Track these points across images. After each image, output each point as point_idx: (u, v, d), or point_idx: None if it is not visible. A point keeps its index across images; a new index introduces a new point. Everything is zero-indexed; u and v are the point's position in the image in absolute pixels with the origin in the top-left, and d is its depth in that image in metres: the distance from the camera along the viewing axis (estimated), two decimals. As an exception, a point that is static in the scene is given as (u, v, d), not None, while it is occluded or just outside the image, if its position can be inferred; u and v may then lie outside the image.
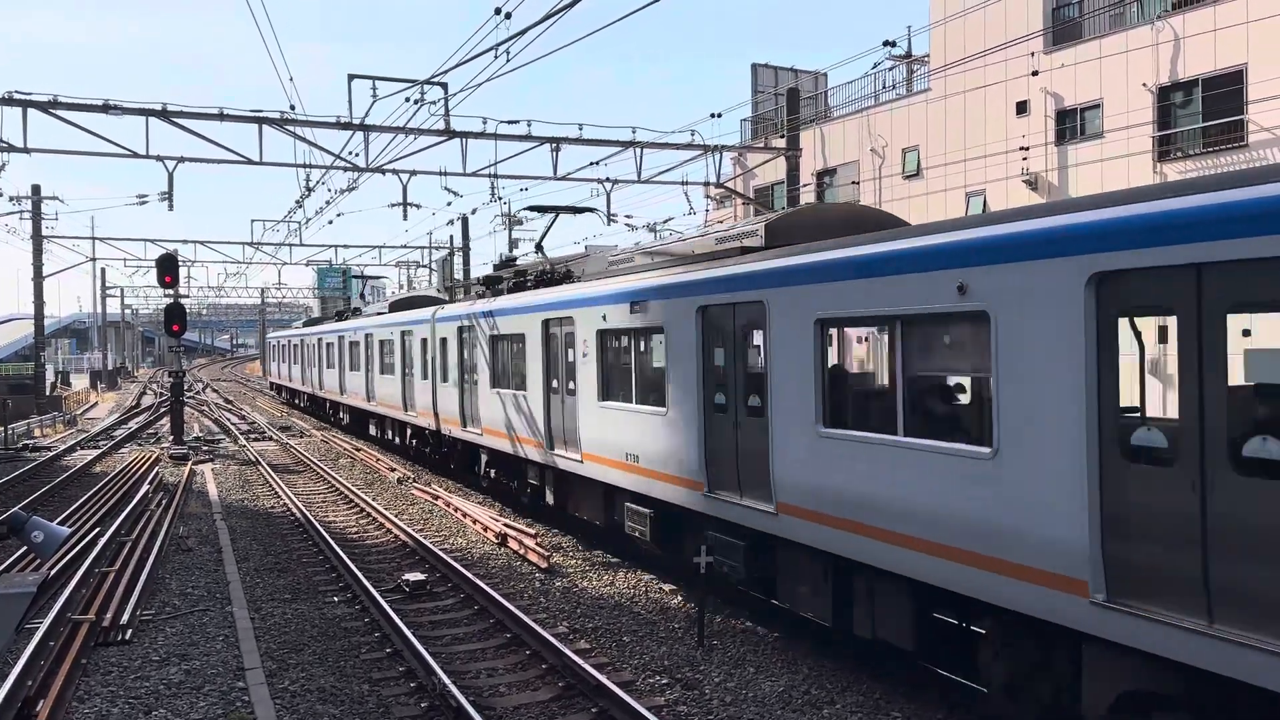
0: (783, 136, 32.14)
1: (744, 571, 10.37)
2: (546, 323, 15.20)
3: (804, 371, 9.06)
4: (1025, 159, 25.88)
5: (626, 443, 12.65)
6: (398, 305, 28.23)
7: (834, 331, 9.27)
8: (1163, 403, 9.60)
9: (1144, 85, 23.28)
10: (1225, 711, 5.87)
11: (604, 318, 13.12)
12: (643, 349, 12.72)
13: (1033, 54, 25.28)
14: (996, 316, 6.91)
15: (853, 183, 32.27)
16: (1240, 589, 5.45)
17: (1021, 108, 26.34)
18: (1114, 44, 24.11)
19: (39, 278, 47.29)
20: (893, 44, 31.88)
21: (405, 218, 30.31)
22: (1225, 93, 21.78)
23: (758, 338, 9.99)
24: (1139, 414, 6.81)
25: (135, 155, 23.39)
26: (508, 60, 15.91)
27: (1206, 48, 22.10)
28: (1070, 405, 6.39)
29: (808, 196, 32.13)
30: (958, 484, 7.33)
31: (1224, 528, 5.53)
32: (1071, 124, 25.43)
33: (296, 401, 46.70)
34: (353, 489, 20.68)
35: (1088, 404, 6.27)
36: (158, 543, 15.23)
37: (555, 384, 15.03)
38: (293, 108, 23.48)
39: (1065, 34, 26.04)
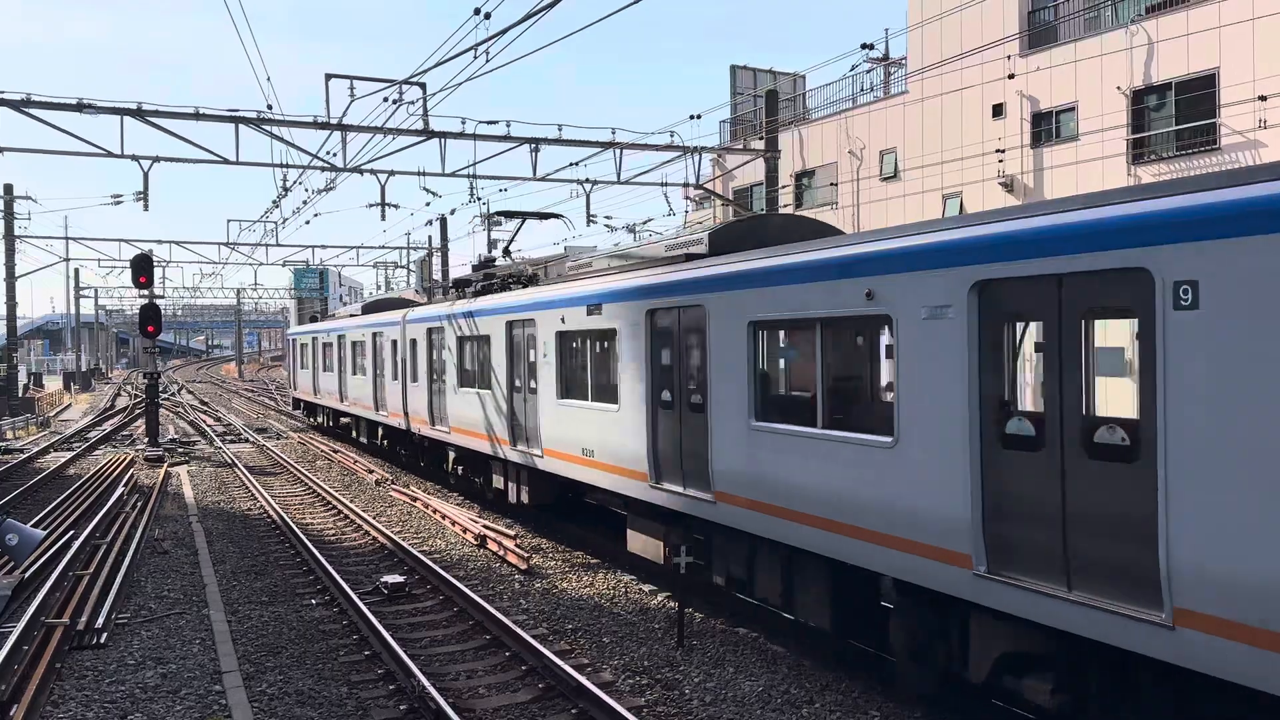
0: (761, 138, 32.20)
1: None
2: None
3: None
4: (1001, 161, 26.08)
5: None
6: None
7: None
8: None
9: (1118, 88, 23.51)
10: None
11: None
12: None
13: (1009, 57, 25.46)
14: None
15: (831, 184, 32.40)
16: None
17: (998, 110, 26.54)
18: (1089, 48, 24.33)
19: (11, 278, 46.74)
20: (871, 46, 32.07)
21: (383, 218, 30.13)
22: (1198, 96, 22.03)
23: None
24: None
25: (110, 155, 23.15)
26: (487, 60, 15.86)
27: (1180, 52, 22.34)
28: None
29: (786, 198, 32.23)
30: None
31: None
32: (1047, 127, 25.65)
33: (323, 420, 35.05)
34: (330, 491, 20.57)
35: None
36: (133, 546, 15.11)
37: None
38: (270, 107, 23.28)
39: (1041, 37, 26.26)
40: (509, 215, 20.35)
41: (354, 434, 29.22)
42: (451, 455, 19.57)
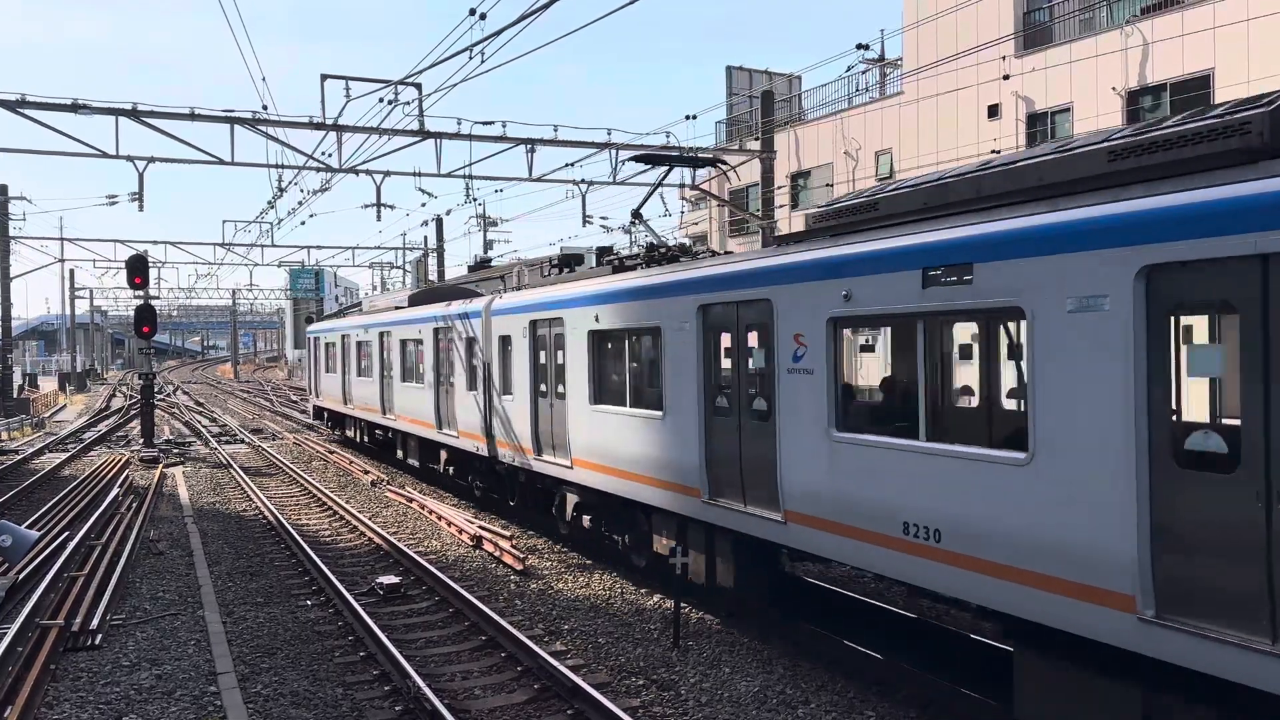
0: (757, 139, 32.24)
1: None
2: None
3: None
4: (997, 162, 26.08)
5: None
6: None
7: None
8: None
9: (1113, 89, 23.54)
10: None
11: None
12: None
13: (1004, 58, 25.50)
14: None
15: (827, 185, 32.42)
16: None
17: (993, 111, 26.57)
18: (1084, 48, 24.37)
19: (6, 279, 46.66)
20: (866, 47, 32.13)
21: (379, 219, 30.09)
22: (1193, 97, 22.07)
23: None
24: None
25: (105, 155, 23.11)
26: (482, 61, 15.85)
27: (1175, 52, 22.39)
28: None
29: (781, 199, 32.23)
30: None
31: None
32: (1042, 127, 25.69)
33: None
34: (326, 491, 20.55)
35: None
36: (128, 546, 15.07)
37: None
38: (265, 108, 23.25)
39: (1036, 38, 26.31)
40: (648, 160, 16.86)
41: (400, 454, 23.73)
42: (573, 499, 14.28)
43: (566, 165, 27.80)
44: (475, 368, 17.44)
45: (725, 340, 10.53)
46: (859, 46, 32.09)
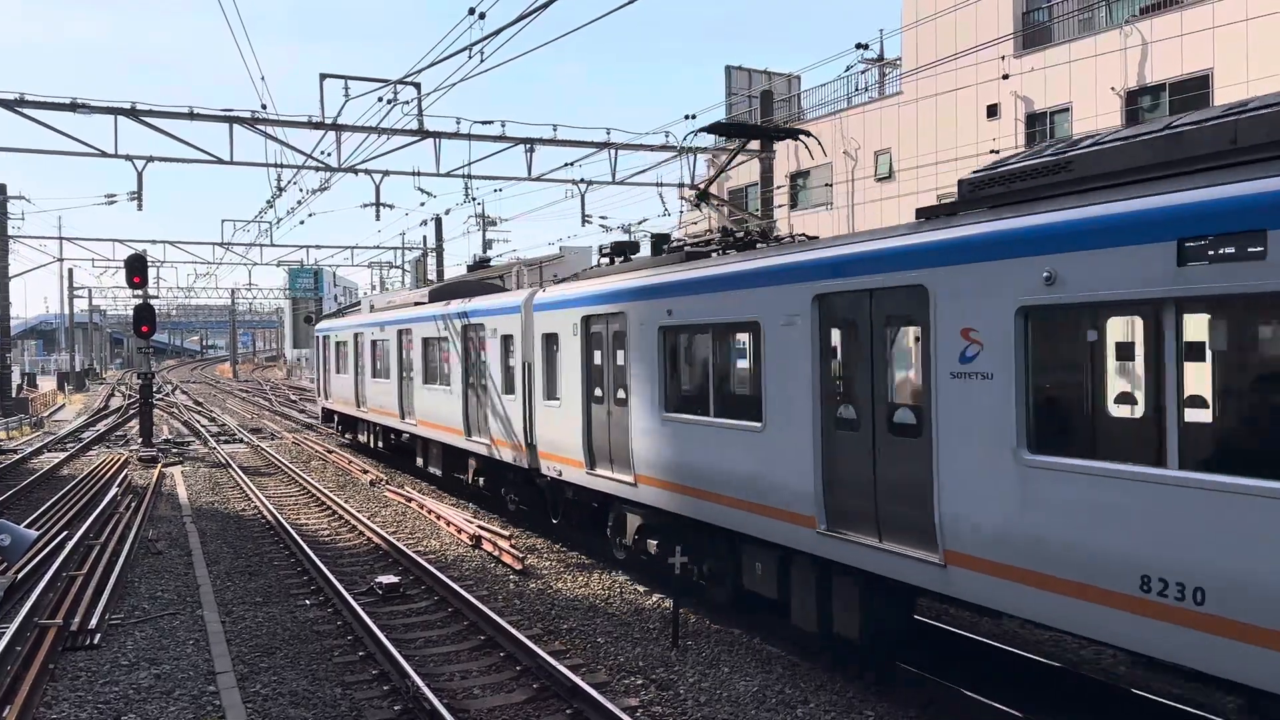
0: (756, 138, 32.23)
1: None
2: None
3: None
4: (996, 162, 26.10)
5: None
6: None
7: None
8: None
9: (1112, 89, 23.55)
10: None
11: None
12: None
13: (1003, 58, 25.51)
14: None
15: (826, 185, 32.42)
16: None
17: (992, 111, 26.58)
18: (1083, 48, 24.37)
19: (4, 278, 46.62)
20: (865, 47, 32.10)
21: (378, 218, 30.03)
22: (1192, 97, 22.08)
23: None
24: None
25: (104, 154, 23.10)
26: (481, 60, 15.84)
27: (1174, 52, 22.40)
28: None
29: (780, 199, 32.23)
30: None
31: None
32: (1041, 127, 25.70)
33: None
34: (325, 491, 20.54)
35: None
36: (126, 546, 15.06)
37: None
38: (264, 107, 23.24)
39: (1035, 38, 26.31)
40: (725, 131, 15.12)
41: (420, 462, 21.85)
42: (635, 520, 12.62)
43: (566, 165, 27.83)
44: (513, 369, 15.87)
45: (851, 337, 8.72)
46: (858, 46, 32.08)
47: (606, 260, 14.73)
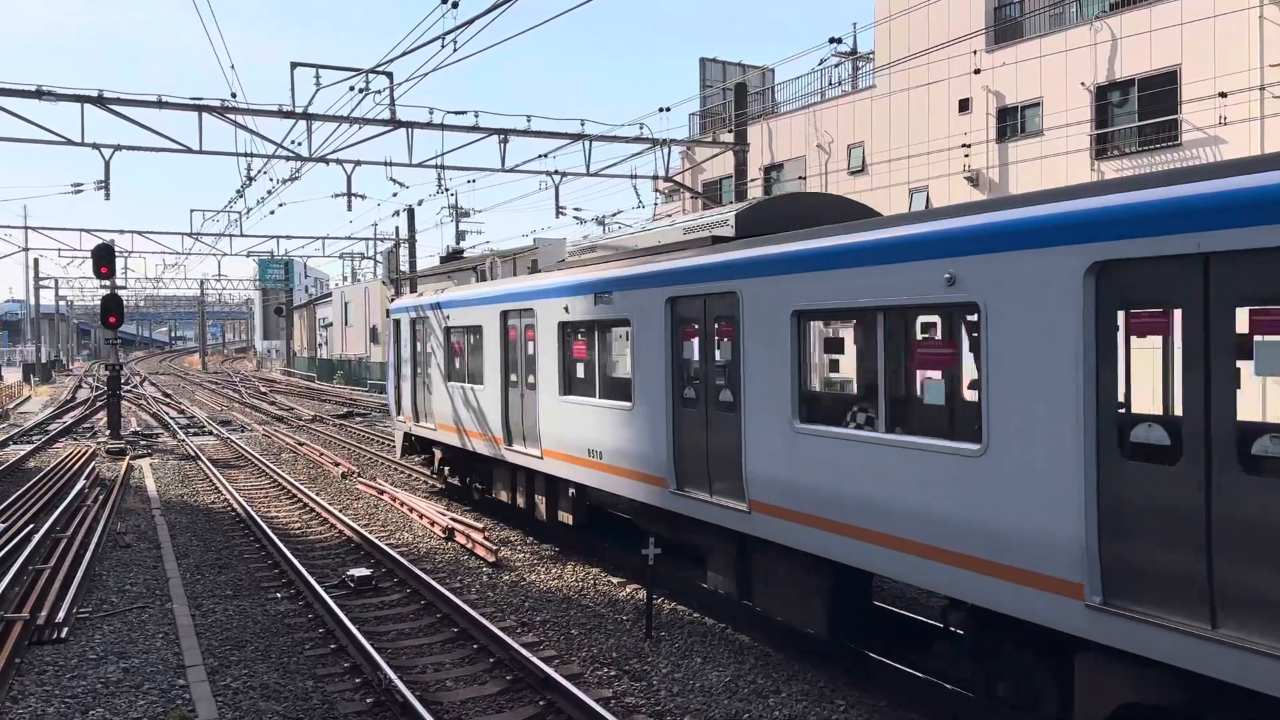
0: (731, 131, 32.29)
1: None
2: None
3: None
4: (967, 156, 26.28)
5: None
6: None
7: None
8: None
9: (1082, 84, 23.75)
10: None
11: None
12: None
13: (975, 52, 25.67)
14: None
15: (799, 178, 32.52)
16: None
17: (964, 105, 26.74)
18: (1053, 44, 24.56)
19: (-32, 268, 45.94)
20: (839, 41, 32.21)
21: (349, 208, 29.73)
22: (1160, 92, 22.31)
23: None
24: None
25: (70, 143, 22.78)
26: (455, 50, 15.76)
27: (1142, 48, 22.61)
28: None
29: (755, 191, 32.32)
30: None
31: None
32: (1012, 122, 25.88)
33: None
34: (296, 484, 20.41)
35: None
36: (95, 539, 14.91)
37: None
38: (234, 95, 23.04)
39: (1006, 33, 26.48)
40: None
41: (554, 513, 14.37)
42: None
43: (540, 156, 27.75)
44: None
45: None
46: (832, 40, 32.20)
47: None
